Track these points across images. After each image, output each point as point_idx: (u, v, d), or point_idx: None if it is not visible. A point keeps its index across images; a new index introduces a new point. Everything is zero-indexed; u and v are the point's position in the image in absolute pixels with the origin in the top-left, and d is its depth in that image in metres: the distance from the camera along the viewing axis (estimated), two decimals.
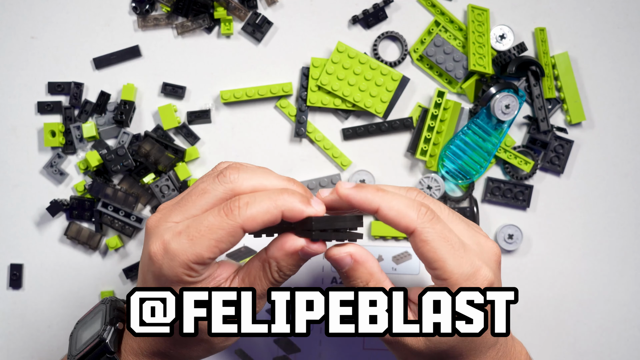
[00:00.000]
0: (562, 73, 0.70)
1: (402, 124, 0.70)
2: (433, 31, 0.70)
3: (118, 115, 0.68)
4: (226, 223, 0.45)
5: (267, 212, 0.46)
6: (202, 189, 0.48)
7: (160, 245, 0.46)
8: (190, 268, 0.46)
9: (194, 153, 0.69)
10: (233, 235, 0.46)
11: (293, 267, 0.49)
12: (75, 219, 0.69)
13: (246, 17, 0.70)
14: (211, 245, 0.45)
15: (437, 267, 0.48)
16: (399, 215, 0.47)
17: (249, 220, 0.45)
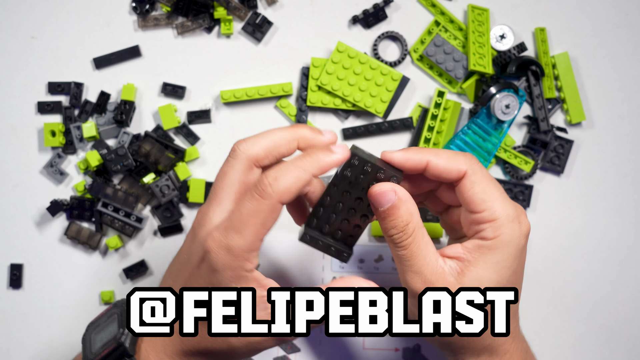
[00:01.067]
0: (562, 73, 0.70)
1: (402, 123, 0.70)
2: (433, 31, 0.70)
3: (118, 115, 0.68)
4: (263, 204, 0.46)
5: (299, 179, 0.47)
6: (222, 172, 0.50)
7: (213, 243, 0.47)
8: (245, 259, 0.47)
9: (194, 153, 0.69)
10: (274, 212, 0.47)
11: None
12: (76, 218, 0.69)
13: (246, 17, 0.70)
14: (258, 230, 0.47)
15: (486, 207, 0.49)
16: (448, 162, 0.49)
17: (284, 193, 0.46)
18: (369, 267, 0.70)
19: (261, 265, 0.69)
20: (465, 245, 0.50)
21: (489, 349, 0.52)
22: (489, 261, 0.49)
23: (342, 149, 0.49)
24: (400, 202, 0.49)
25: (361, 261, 0.70)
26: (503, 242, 0.49)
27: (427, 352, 0.69)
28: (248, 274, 0.48)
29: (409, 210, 0.49)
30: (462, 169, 0.49)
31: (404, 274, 0.50)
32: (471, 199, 0.49)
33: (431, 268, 0.49)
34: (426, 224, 0.69)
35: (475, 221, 0.50)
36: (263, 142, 0.49)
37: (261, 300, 0.48)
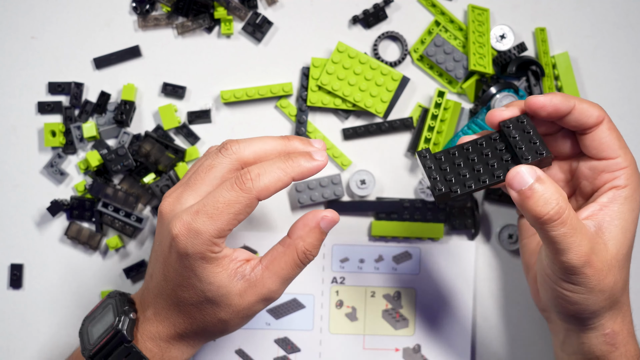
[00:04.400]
0: (562, 73, 0.70)
1: (402, 124, 0.70)
2: (433, 31, 0.70)
3: (118, 115, 0.68)
4: (242, 196, 0.48)
5: (279, 180, 0.49)
6: (208, 165, 0.51)
7: (182, 226, 0.49)
8: (213, 243, 0.49)
9: (194, 153, 0.69)
10: (249, 207, 0.49)
11: (317, 243, 0.52)
12: (76, 219, 0.69)
13: (246, 17, 0.70)
14: (230, 219, 0.48)
15: (621, 153, 0.51)
16: (590, 108, 0.51)
17: (263, 190, 0.49)
18: (369, 267, 0.70)
19: None
20: (601, 201, 0.51)
21: (611, 304, 0.51)
22: (627, 211, 0.50)
23: (322, 155, 0.51)
24: (543, 178, 0.48)
25: (361, 261, 0.70)
26: (635, 188, 0.51)
27: (427, 352, 0.69)
28: (217, 255, 0.50)
29: (555, 185, 0.48)
30: (602, 115, 0.51)
31: (567, 253, 0.48)
32: (608, 145, 0.51)
33: (588, 237, 0.49)
34: (425, 224, 0.69)
35: (607, 168, 0.51)
36: (255, 147, 0.51)
37: (237, 271, 0.50)
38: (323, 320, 0.69)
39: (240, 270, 0.51)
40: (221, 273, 0.50)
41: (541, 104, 0.50)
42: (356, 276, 0.70)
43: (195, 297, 0.51)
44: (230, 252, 0.51)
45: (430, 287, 0.70)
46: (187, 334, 0.53)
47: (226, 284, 0.50)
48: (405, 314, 0.70)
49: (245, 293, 0.51)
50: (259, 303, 0.52)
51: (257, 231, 0.70)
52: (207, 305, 0.51)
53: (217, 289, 0.50)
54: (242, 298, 0.51)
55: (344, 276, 0.69)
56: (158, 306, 0.53)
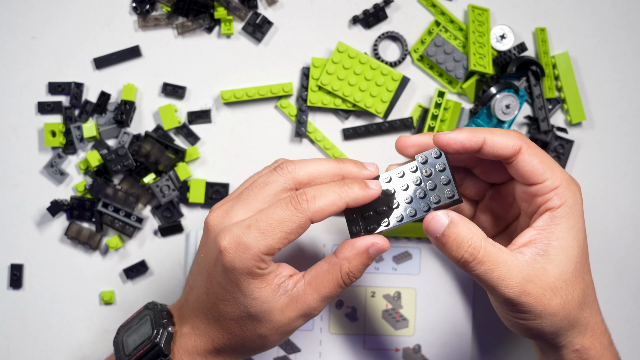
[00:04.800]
0: (563, 73, 0.70)
1: (402, 124, 0.70)
2: (433, 31, 0.70)
3: (118, 115, 0.68)
4: (296, 216, 0.48)
5: (334, 204, 0.49)
6: (262, 182, 0.51)
7: (231, 240, 0.48)
8: (261, 260, 0.48)
9: (194, 153, 0.69)
10: (302, 227, 0.49)
11: (362, 267, 0.51)
12: (76, 219, 0.69)
13: (246, 17, 0.70)
14: (282, 237, 0.48)
15: (548, 176, 0.50)
16: (504, 140, 0.50)
17: (317, 212, 0.49)
18: (368, 267, 0.70)
19: None
20: (537, 225, 0.50)
21: (571, 323, 0.51)
22: (566, 229, 0.50)
23: (376, 185, 0.51)
24: (455, 221, 0.49)
25: None
26: (571, 206, 0.50)
27: (427, 352, 0.69)
28: (264, 271, 0.49)
29: (467, 226, 0.49)
30: (517, 144, 0.50)
31: (497, 288, 0.48)
32: (531, 172, 0.50)
33: (517, 267, 0.48)
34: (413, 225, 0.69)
35: (538, 192, 0.50)
36: (310, 169, 0.51)
37: (280, 287, 0.50)
38: (323, 320, 0.69)
39: (284, 286, 0.50)
40: (265, 289, 0.49)
41: (446, 142, 0.50)
42: None
43: (237, 312, 0.50)
44: (275, 267, 0.50)
45: (430, 287, 0.70)
46: (225, 349, 0.52)
47: (269, 299, 0.49)
48: (405, 314, 0.70)
49: (286, 309, 0.50)
50: (298, 319, 0.51)
51: None
52: (248, 320, 0.50)
53: (261, 305, 0.50)
54: (283, 314, 0.50)
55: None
56: (197, 320, 0.52)
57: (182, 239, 0.70)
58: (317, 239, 0.70)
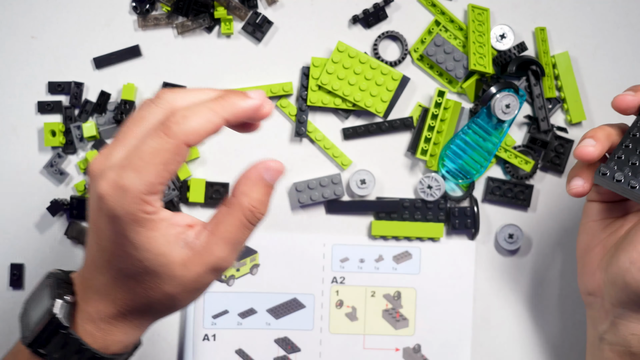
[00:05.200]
0: (563, 73, 0.70)
1: (402, 123, 0.70)
2: (433, 31, 0.70)
3: (118, 115, 0.68)
4: (168, 143, 0.43)
5: (209, 122, 0.44)
6: (138, 116, 0.45)
7: (107, 185, 0.43)
8: (144, 201, 0.43)
9: (194, 153, 0.69)
10: (178, 154, 0.43)
11: (263, 198, 0.47)
12: (76, 218, 0.69)
13: (246, 17, 0.70)
14: (159, 171, 0.43)
15: None
16: None
17: (191, 134, 0.43)
18: (369, 267, 0.70)
19: (261, 265, 0.69)
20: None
21: None
22: None
23: (259, 94, 0.46)
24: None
25: (361, 261, 0.70)
26: None
27: (427, 352, 0.69)
28: (153, 216, 0.44)
29: None
30: None
31: None
32: None
33: None
34: (425, 224, 0.69)
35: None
36: (191, 97, 0.46)
37: (179, 238, 0.45)
38: (323, 320, 0.69)
39: (183, 237, 0.45)
40: (158, 239, 0.44)
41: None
42: (356, 276, 0.70)
43: (132, 267, 0.45)
44: (169, 215, 0.45)
45: (430, 287, 0.70)
46: (130, 311, 0.47)
47: (165, 251, 0.44)
48: (405, 314, 0.70)
49: (190, 263, 0.45)
50: (207, 274, 0.46)
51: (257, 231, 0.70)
52: (147, 277, 0.45)
53: (156, 258, 0.44)
54: (187, 268, 0.45)
55: (344, 276, 0.69)
56: (96, 281, 0.47)
57: None
58: (316, 239, 0.69)
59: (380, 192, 0.70)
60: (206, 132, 0.44)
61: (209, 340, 0.69)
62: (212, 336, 0.69)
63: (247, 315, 0.69)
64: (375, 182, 0.70)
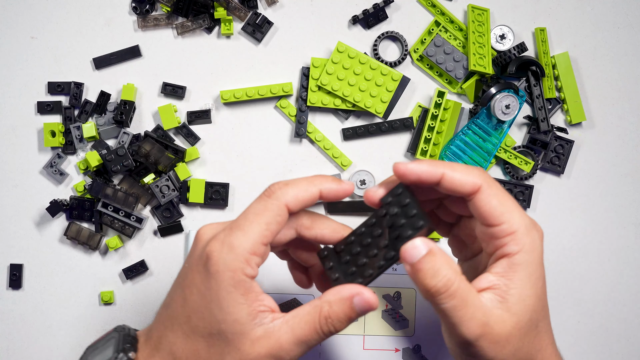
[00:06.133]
0: (562, 73, 0.70)
1: (402, 124, 0.70)
2: (433, 31, 0.70)
3: (118, 115, 0.68)
4: (270, 203, 0.47)
5: (306, 190, 0.49)
6: (254, 209, 0.49)
7: (216, 242, 0.47)
8: (247, 261, 0.47)
9: (194, 153, 0.69)
10: (280, 215, 0.48)
11: (343, 316, 0.48)
12: (75, 219, 0.69)
13: (246, 17, 0.70)
14: (262, 230, 0.47)
15: (505, 220, 0.48)
16: (463, 176, 0.48)
17: (291, 197, 0.48)
18: None
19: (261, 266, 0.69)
20: (495, 271, 0.48)
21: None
22: (524, 277, 0.48)
23: (349, 184, 0.51)
24: (434, 251, 0.47)
25: None
26: (528, 252, 0.48)
27: (427, 353, 0.69)
28: (248, 279, 0.47)
29: (445, 258, 0.47)
30: (477, 182, 0.48)
31: (458, 327, 0.47)
32: (489, 212, 0.48)
33: (481, 309, 0.47)
34: None
35: (495, 235, 0.48)
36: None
37: (258, 315, 0.47)
38: None
39: (262, 316, 0.47)
40: (243, 306, 0.46)
41: (402, 172, 0.48)
42: None
43: (208, 326, 0.47)
44: (260, 291, 0.48)
45: None
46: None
47: (245, 321, 0.46)
48: (405, 314, 0.70)
49: (257, 341, 0.47)
50: (267, 357, 0.47)
51: None
52: (217, 340, 0.47)
53: (233, 324, 0.46)
54: (253, 346, 0.47)
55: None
56: (164, 340, 0.49)
57: (182, 239, 0.70)
58: None
59: None
60: (304, 198, 0.49)
61: None
62: None
63: None
64: (375, 183, 0.70)
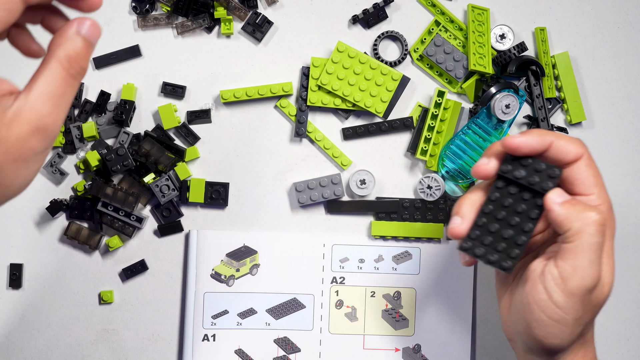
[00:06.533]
0: (562, 73, 0.70)
1: (402, 123, 0.70)
2: (433, 31, 0.70)
3: (118, 114, 0.68)
4: None
5: None
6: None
7: None
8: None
9: (194, 153, 0.69)
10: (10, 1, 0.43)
11: (80, 51, 0.46)
12: (75, 218, 0.69)
13: (246, 17, 0.70)
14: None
15: (596, 191, 0.51)
16: (569, 144, 0.51)
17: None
18: (369, 267, 0.70)
19: (261, 265, 0.69)
20: None
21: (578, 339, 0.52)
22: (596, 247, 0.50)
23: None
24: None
25: (361, 261, 0.70)
26: (609, 227, 0.51)
27: (427, 352, 0.69)
28: None
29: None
30: (580, 151, 0.51)
31: (587, 267, 0.49)
32: (583, 180, 0.51)
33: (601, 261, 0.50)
34: (425, 224, 0.69)
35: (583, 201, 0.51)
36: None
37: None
38: (323, 320, 0.69)
39: (5, 100, 0.42)
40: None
41: (516, 145, 0.51)
42: (356, 276, 0.70)
43: None
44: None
45: (430, 287, 0.70)
46: None
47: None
48: (405, 314, 0.70)
49: (12, 122, 0.41)
50: (31, 135, 0.42)
51: (257, 231, 0.70)
52: None
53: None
54: (11, 129, 0.41)
55: (343, 276, 0.69)
56: None
57: (182, 239, 0.70)
58: (316, 239, 0.69)
59: (380, 192, 0.70)
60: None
61: (208, 340, 0.69)
62: (212, 336, 0.69)
63: (246, 315, 0.69)
64: (375, 182, 0.69)
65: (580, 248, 0.49)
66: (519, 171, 0.51)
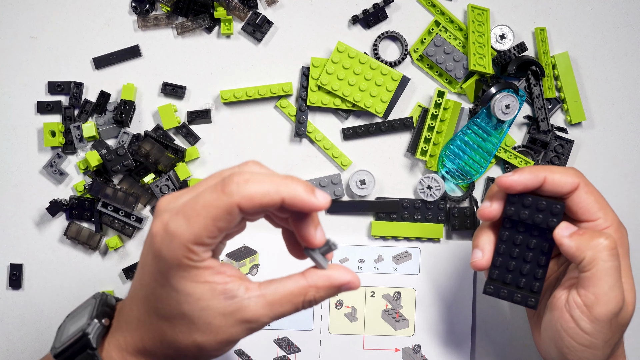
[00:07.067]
0: (562, 73, 0.70)
1: (402, 123, 0.70)
2: (433, 31, 0.70)
3: (118, 115, 0.68)
4: (222, 200, 0.43)
5: (266, 194, 0.43)
6: (219, 170, 0.46)
7: (160, 226, 0.44)
8: (189, 250, 0.43)
9: (194, 153, 0.69)
10: (229, 213, 0.43)
11: (326, 298, 0.48)
12: (75, 219, 0.69)
13: (246, 17, 0.70)
14: (207, 225, 0.43)
15: (601, 215, 0.53)
16: (563, 176, 0.53)
17: (246, 199, 0.43)
18: (369, 267, 0.70)
19: (261, 265, 0.69)
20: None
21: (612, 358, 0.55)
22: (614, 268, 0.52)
23: (324, 197, 0.45)
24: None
25: (361, 261, 0.70)
26: (620, 246, 0.53)
27: (427, 352, 0.69)
28: (197, 264, 0.44)
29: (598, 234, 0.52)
30: (576, 181, 0.53)
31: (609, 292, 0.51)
32: (587, 208, 0.53)
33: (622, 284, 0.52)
34: (425, 224, 0.69)
35: (588, 227, 0.53)
36: (266, 171, 0.46)
37: (224, 289, 0.45)
38: (323, 320, 0.69)
39: (230, 288, 0.45)
40: (201, 285, 0.44)
41: (509, 184, 0.52)
42: None
43: (169, 308, 0.45)
44: (215, 264, 0.45)
45: (430, 287, 0.70)
46: (155, 352, 0.47)
47: (207, 297, 0.44)
48: (405, 314, 0.70)
49: (230, 314, 0.45)
50: (243, 330, 0.46)
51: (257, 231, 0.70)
52: (181, 321, 0.45)
53: (196, 302, 0.44)
54: (226, 319, 0.45)
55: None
56: (131, 314, 0.48)
57: None
58: None
59: (380, 192, 0.70)
60: (261, 202, 0.43)
61: None
62: None
63: None
64: (375, 183, 0.70)
65: (598, 275, 0.50)
66: (523, 212, 0.53)
